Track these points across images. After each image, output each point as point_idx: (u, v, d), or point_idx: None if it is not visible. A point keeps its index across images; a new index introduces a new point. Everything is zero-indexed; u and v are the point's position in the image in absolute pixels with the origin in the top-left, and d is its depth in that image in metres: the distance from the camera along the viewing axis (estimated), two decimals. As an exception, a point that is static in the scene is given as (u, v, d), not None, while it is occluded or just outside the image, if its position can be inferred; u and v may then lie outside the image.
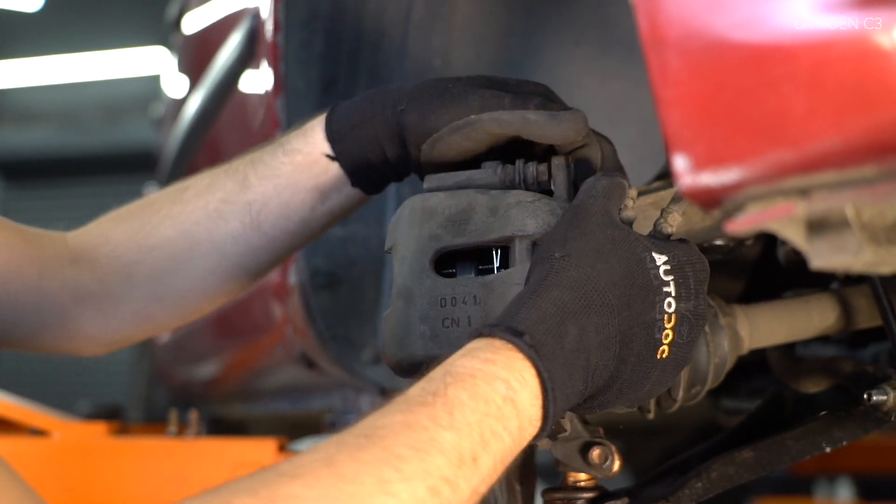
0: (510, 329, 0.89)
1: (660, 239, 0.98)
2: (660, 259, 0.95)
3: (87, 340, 1.30)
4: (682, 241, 0.99)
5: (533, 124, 1.05)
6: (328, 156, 1.16)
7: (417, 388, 0.87)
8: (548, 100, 1.09)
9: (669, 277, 0.95)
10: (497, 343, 0.89)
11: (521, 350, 0.88)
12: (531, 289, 0.93)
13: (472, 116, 1.07)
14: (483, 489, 0.86)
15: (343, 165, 1.17)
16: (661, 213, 1.05)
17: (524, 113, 1.05)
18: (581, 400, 0.94)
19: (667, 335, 0.95)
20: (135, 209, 1.28)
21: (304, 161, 1.18)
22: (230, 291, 1.28)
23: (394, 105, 1.12)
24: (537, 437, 0.90)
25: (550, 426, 0.90)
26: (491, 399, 0.86)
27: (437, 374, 0.88)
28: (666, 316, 0.94)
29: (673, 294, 0.95)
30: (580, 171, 1.09)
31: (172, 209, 1.23)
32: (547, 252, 0.96)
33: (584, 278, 0.92)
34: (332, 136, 1.16)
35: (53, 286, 1.24)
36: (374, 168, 1.16)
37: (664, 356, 0.95)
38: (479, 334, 0.91)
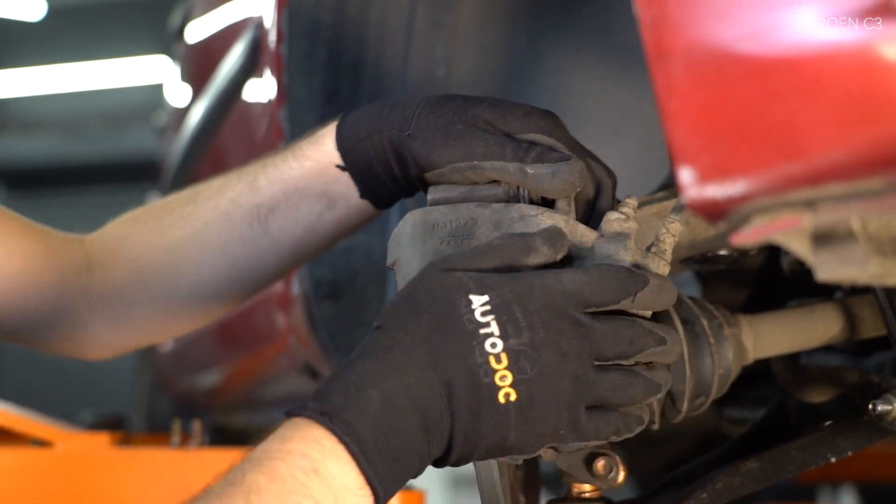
0: (305, 406, 0.90)
1: (497, 274, 0.95)
2: (478, 301, 0.92)
3: (96, 345, 1.31)
4: (516, 273, 0.96)
5: (531, 178, 1.06)
6: (338, 166, 1.17)
7: (219, 481, 0.87)
8: (551, 137, 1.09)
9: (489, 318, 0.92)
10: (296, 421, 0.90)
11: (315, 420, 0.88)
12: (340, 367, 0.94)
13: (475, 162, 1.07)
14: None
15: (352, 175, 1.17)
16: (663, 223, 1.05)
17: (524, 167, 1.06)
18: (434, 458, 0.93)
19: (502, 377, 0.91)
20: (151, 211, 1.29)
21: (314, 168, 1.18)
22: (238, 296, 1.29)
23: (400, 127, 1.12)
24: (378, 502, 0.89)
25: (387, 490, 0.89)
26: (290, 476, 0.86)
27: (238, 463, 0.88)
28: (492, 357, 0.91)
29: (496, 333, 0.91)
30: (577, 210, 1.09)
31: (185, 210, 1.25)
32: (373, 325, 0.97)
33: (392, 342, 0.92)
34: (342, 146, 1.16)
35: (70, 294, 1.26)
36: (381, 181, 1.17)
37: (512, 399, 0.91)
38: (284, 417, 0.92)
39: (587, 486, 1.15)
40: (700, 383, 1.22)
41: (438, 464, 0.96)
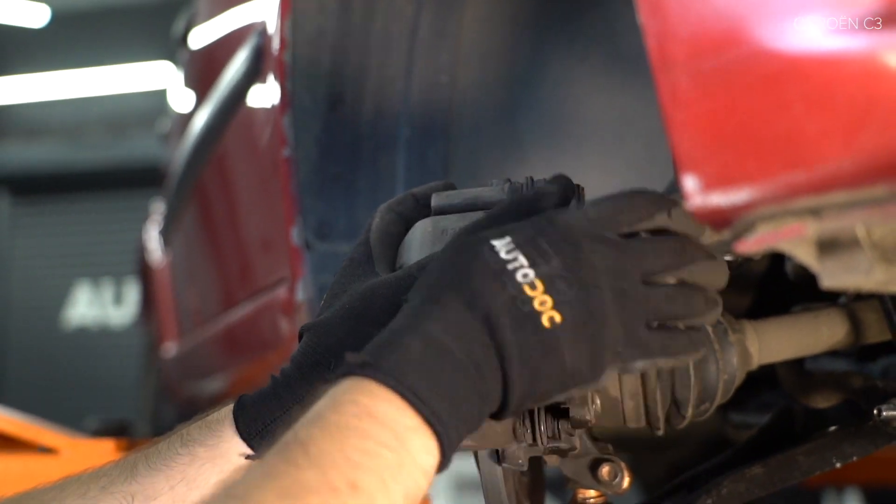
0: (342, 364, 0.87)
1: (510, 219, 0.94)
2: (500, 243, 0.90)
3: None
4: (533, 216, 0.94)
5: None
6: (248, 456, 1.05)
7: (271, 447, 0.84)
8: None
9: (514, 254, 0.90)
10: (337, 382, 0.86)
11: (356, 373, 0.85)
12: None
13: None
14: None
15: None
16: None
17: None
18: (495, 401, 0.88)
19: (542, 302, 0.88)
20: (16, 499, 1.12)
21: (208, 455, 1.06)
22: None
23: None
24: (444, 446, 0.85)
25: (450, 433, 0.85)
26: (344, 424, 0.83)
27: (285, 430, 0.85)
28: (525, 286, 0.88)
29: (525, 264, 0.89)
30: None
31: (46, 496, 1.08)
32: (403, 300, 0.94)
33: (420, 300, 0.90)
34: (248, 432, 1.06)
35: None
36: None
37: (557, 321, 0.88)
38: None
39: (592, 492, 1.15)
40: (705, 389, 1.22)
41: (499, 414, 0.90)
